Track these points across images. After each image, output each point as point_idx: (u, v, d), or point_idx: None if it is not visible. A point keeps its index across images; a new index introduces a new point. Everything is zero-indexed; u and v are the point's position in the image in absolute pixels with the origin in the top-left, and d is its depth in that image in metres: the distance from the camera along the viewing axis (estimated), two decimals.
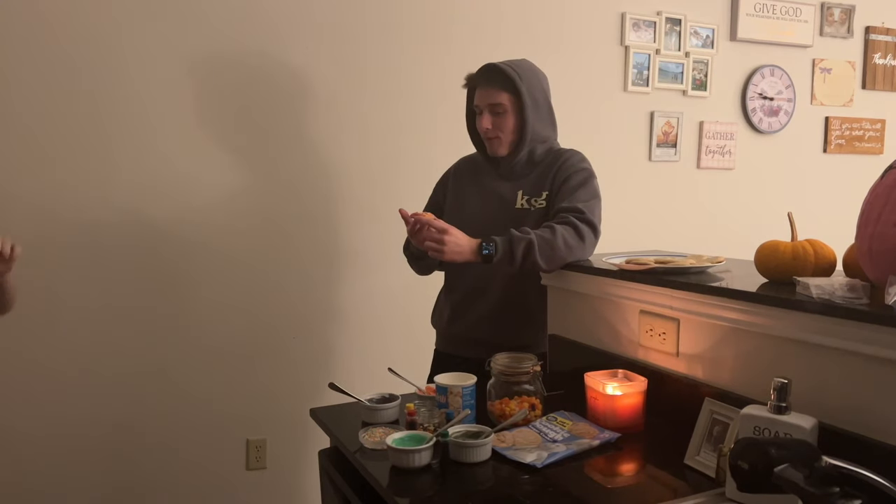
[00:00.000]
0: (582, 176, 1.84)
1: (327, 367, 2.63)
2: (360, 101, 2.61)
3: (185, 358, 2.45)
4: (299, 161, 2.55)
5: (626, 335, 1.65)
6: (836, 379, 1.18)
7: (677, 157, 3.20)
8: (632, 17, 3.03)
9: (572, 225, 1.74)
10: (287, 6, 2.48)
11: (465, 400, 1.50)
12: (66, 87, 2.24)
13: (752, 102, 3.33)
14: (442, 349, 2.06)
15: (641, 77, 3.07)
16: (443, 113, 2.66)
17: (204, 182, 2.43)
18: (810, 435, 1.09)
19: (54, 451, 2.31)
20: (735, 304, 1.33)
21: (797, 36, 3.38)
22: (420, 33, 2.68)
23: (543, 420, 1.51)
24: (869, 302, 1.13)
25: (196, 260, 2.44)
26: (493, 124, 1.86)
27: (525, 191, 1.88)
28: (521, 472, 1.29)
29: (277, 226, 2.54)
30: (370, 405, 1.55)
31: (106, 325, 2.34)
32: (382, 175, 2.65)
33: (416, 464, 1.29)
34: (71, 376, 2.31)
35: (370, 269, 2.64)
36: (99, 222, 2.31)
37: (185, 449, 2.47)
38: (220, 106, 2.44)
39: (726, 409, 1.29)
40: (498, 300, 1.90)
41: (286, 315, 2.58)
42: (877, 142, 3.65)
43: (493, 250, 1.70)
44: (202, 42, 2.38)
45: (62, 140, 2.25)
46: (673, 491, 1.24)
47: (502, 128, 1.86)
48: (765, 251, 1.39)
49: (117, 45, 2.29)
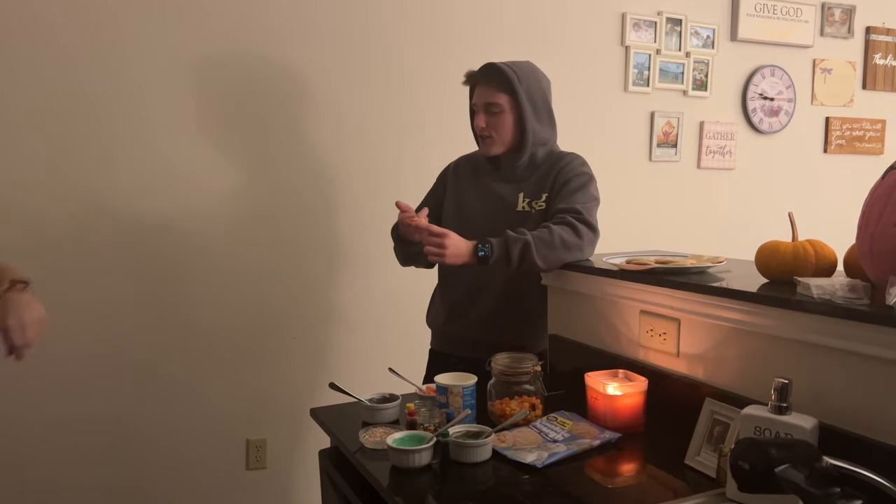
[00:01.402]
0: (582, 179, 1.85)
1: (327, 367, 2.63)
2: (361, 101, 2.61)
3: (185, 358, 2.45)
4: (299, 161, 2.55)
5: (626, 335, 1.65)
6: (836, 379, 1.18)
7: (678, 157, 3.20)
8: (632, 18, 3.03)
9: (570, 225, 1.74)
10: (287, 7, 2.48)
11: (465, 400, 1.50)
12: (66, 88, 2.24)
13: (752, 103, 3.33)
14: (438, 349, 2.05)
15: (642, 77, 3.07)
16: (443, 113, 2.66)
17: (204, 182, 2.43)
18: (811, 435, 1.09)
19: (54, 451, 2.31)
20: (736, 305, 1.33)
21: (797, 36, 3.38)
22: (420, 33, 2.68)
23: (544, 420, 1.51)
24: (869, 302, 1.13)
25: (196, 260, 2.44)
26: (488, 124, 1.86)
27: (526, 193, 1.88)
28: (522, 472, 1.29)
29: (278, 226, 2.54)
30: (370, 405, 1.56)
31: (105, 325, 2.34)
32: (382, 175, 2.65)
33: (416, 464, 1.29)
34: (70, 376, 2.30)
35: (370, 269, 2.64)
36: (98, 222, 2.31)
37: (185, 449, 2.47)
38: (219, 106, 2.44)
39: (727, 410, 1.29)
40: (496, 300, 1.89)
41: (286, 315, 2.58)
42: (877, 142, 3.65)
43: (489, 252, 1.70)
44: (202, 42, 2.38)
45: (61, 139, 2.25)
46: (673, 491, 1.24)
47: (497, 128, 1.86)
48: (765, 251, 1.39)
49: (116, 46, 2.29)
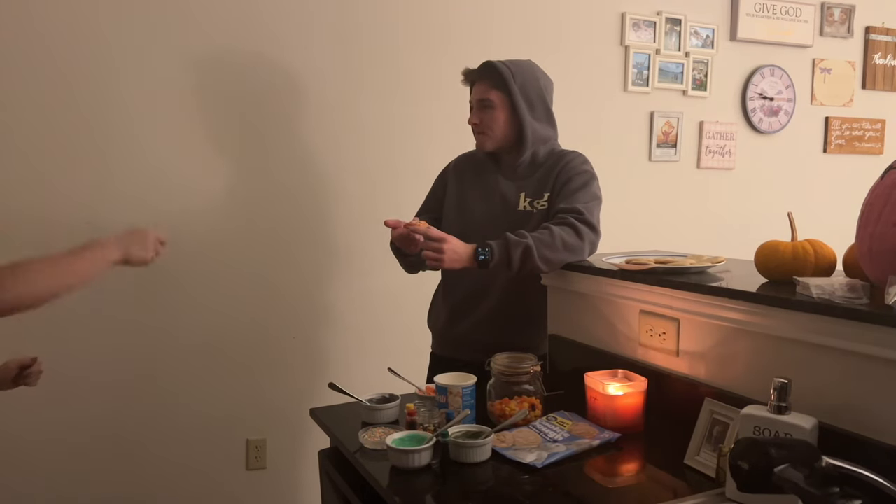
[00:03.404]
0: (583, 178, 1.84)
1: (327, 368, 2.63)
2: (358, 102, 2.60)
3: (185, 358, 2.45)
4: (296, 163, 2.55)
5: (626, 335, 1.65)
6: (836, 379, 1.18)
7: (677, 157, 3.20)
8: (632, 17, 3.03)
9: (571, 225, 1.73)
10: (283, 8, 2.47)
11: (465, 400, 1.50)
12: (59, 93, 2.23)
13: (752, 102, 3.33)
14: (439, 352, 2.04)
15: (641, 77, 3.07)
16: (440, 113, 2.66)
17: (200, 185, 2.42)
18: (810, 435, 1.09)
19: (54, 451, 2.31)
20: (735, 304, 1.33)
21: (797, 36, 3.38)
22: (418, 33, 2.68)
23: (543, 420, 1.51)
24: (869, 302, 1.13)
25: (195, 261, 2.43)
26: (481, 120, 1.87)
27: (528, 192, 1.88)
28: (521, 473, 1.29)
29: (276, 226, 2.54)
30: (370, 405, 1.56)
31: (104, 328, 2.34)
32: (379, 176, 2.65)
33: (416, 464, 1.29)
34: (70, 378, 2.30)
35: (369, 269, 2.64)
36: (94, 226, 2.29)
37: (186, 449, 2.47)
38: (214, 109, 2.43)
39: (726, 409, 1.29)
40: (498, 303, 1.89)
41: (286, 316, 2.58)
42: (877, 142, 3.65)
43: (489, 256, 1.69)
44: (197, 45, 2.38)
45: (55, 145, 2.24)
46: (673, 491, 1.24)
47: (489, 124, 1.86)
48: (765, 251, 1.39)
49: (111, 50, 2.28)
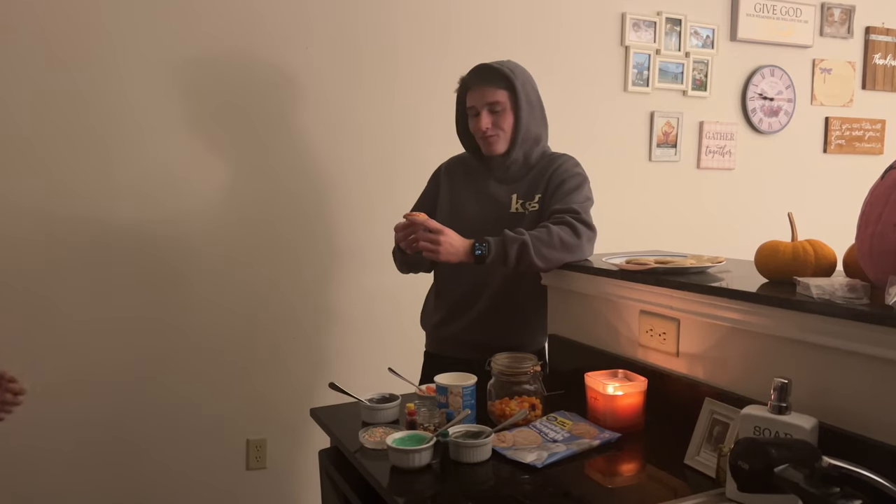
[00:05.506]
0: (576, 180, 1.85)
1: (327, 367, 2.63)
2: (356, 102, 2.61)
3: (185, 359, 2.45)
4: (295, 163, 2.55)
5: (626, 335, 1.65)
6: (836, 379, 1.18)
7: (677, 157, 3.20)
8: (632, 18, 3.03)
9: (569, 224, 1.74)
10: (281, 8, 2.48)
11: (465, 400, 1.50)
12: (61, 91, 2.24)
13: (752, 103, 3.33)
14: (433, 351, 2.04)
15: (641, 77, 3.07)
16: (438, 113, 2.65)
17: (200, 185, 2.43)
18: (810, 435, 1.09)
19: (54, 451, 2.31)
20: (735, 305, 1.33)
21: (797, 36, 3.38)
22: (416, 33, 2.68)
23: (543, 420, 1.51)
24: (869, 302, 1.13)
25: (194, 262, 2.44)
26: (493, 122, 1.85)
27: (519, 194, 1.88)
28: (522, 472, 1.29)
29: (275, 227, 2.54)
30: (370, 405, 1.56)
31: (105, 327, 2.34)
32: (378, 175, 2.65)
33: (416, 464, 1.29)
34: (70, 378, 2.30)
35: (369, 269, 2.64)
36: (94, 226, 2.30)
37: (186, 449, 2.47)
38: (213, 109, 2.43)
39: (726, 409, 1.29)
40: (492, 302, 1.89)
41: (285, 316, 2.58)
42: (877, 142, 3.65)
43: (486, 251, 1.70)
44: (196, 45, 2.38)
45: (56, 144, 2.25)
46: (673, 491, 1.24)
47: (502, 125, 1.86)
48: (765, 251, 1.39)
49: (112, 49, 2.28)
